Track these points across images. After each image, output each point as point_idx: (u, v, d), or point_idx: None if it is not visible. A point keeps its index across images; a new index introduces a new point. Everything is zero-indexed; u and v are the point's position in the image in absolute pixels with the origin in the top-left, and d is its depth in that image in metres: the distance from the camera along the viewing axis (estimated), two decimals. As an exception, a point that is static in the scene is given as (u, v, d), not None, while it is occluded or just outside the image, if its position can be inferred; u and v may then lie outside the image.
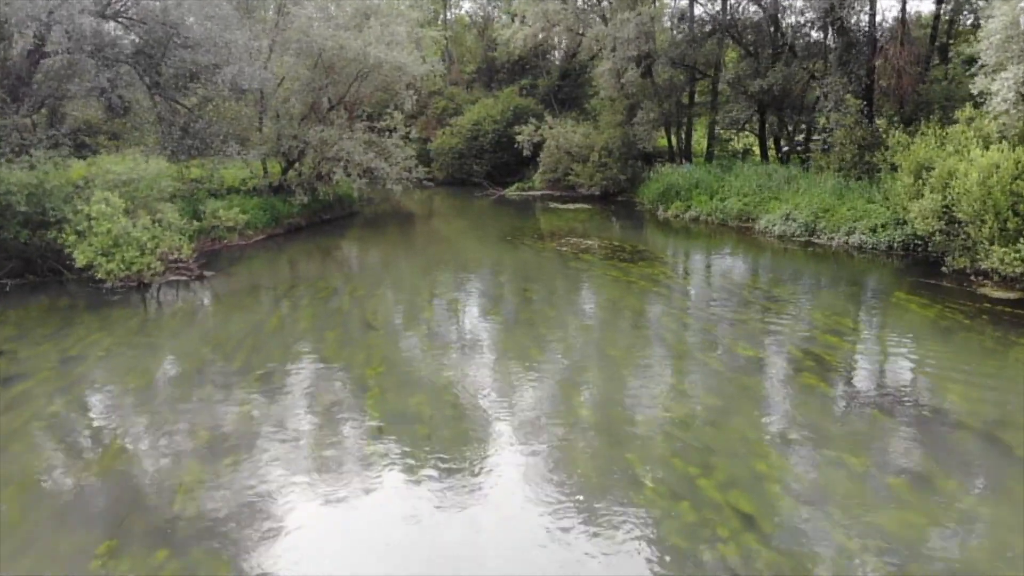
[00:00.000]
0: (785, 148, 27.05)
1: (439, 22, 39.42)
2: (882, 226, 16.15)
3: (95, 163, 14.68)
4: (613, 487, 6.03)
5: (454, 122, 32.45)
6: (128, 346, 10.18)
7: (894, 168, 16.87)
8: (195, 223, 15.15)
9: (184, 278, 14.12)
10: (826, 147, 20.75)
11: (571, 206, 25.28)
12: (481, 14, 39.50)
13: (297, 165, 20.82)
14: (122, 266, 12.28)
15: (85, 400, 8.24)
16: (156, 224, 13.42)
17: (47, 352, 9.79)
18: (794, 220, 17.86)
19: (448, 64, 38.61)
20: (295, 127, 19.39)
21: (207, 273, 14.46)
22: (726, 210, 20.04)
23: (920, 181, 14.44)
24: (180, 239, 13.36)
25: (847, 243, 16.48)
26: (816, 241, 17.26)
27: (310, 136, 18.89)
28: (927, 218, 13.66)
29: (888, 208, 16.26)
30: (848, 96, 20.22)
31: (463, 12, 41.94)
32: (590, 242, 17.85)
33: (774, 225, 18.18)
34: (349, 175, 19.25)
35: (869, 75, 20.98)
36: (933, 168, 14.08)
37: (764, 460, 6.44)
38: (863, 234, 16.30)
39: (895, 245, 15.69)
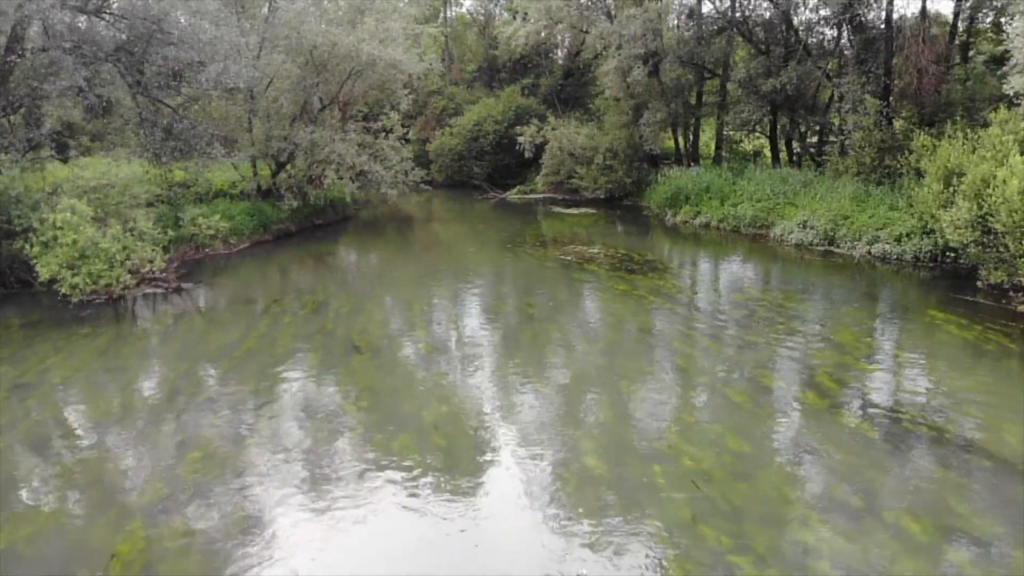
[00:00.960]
0: (797, 150, 26.07)
1: (440, 20, 38.50)
2: (907, 235, 15.16)
3: (76, 167, 13.80)
4: (629, 565, 5.05)
5: (454, 122, 31.48)
6: (89, 371, 9.24)
7: (918, 173, 15.91)
8: (170, 232, 14.12)
9: (161, 290, 13.20)
10: (843, 150, 19.75)
11: (574, 211, 24.30)
12: (482, 12, 38.50)
13: (289, 168, 19.87)
14: (88, 280, 11.32)
15: (30, 438, 7.28)
16: (128, 233, 12.46)
17: (0, 377, 8.87)
18: (812, 228, 16.86)
19: (448, 63, 37.67)
20: (285, 128, 18.41)
21: (185, 285, 13.53)
22: (739, 216, 19.05)
23: (951, 188, 13.47)
24: (153, 250, 12.39)
25: (869, 253, 15.48)
26: (836, 250, 16.26)
27: (299, 137, 17.89)
28: (960, 228, 12.64)
29: (913, 216, 15.27)
30: (867, 96, 19.22)
31: (464, 10, 40.96)
32: (595, 250, 16.87)
33: (790, 233, 17.18)
34: (341, 178, 18.24)
35: (887, 75, 19.99)
36: (964, 174, 13.11)
37: (807, 527, 5.46)
38: (887, 243, 15.31)
39: (922, 256, 14.70)
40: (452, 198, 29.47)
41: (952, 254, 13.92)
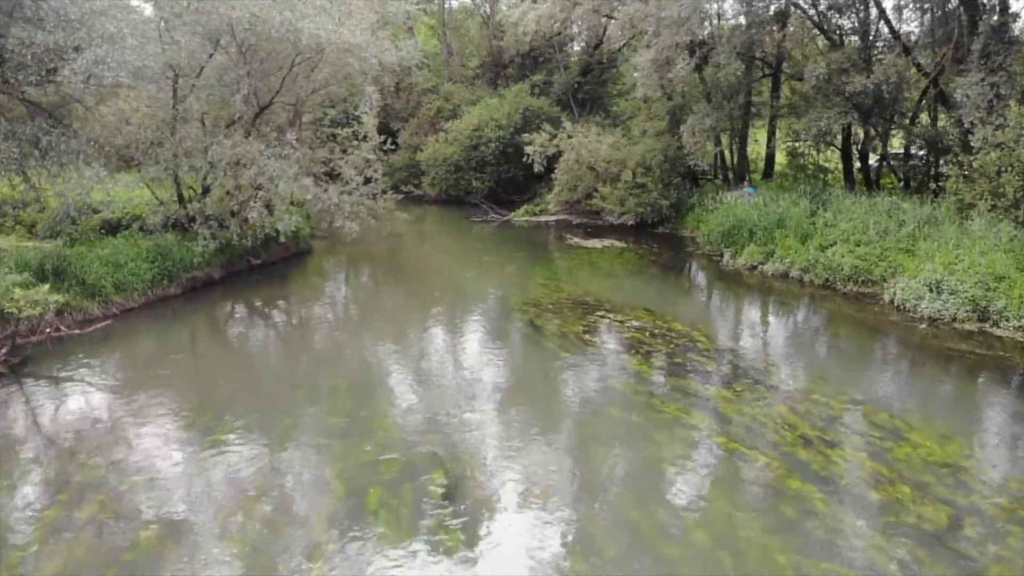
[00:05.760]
0: (875, 164, 20.76)
1: (439, 8, 33.33)
2: (1112, 314, 9.91)
3: None
4: None
5: (450, 126, 26.28)
6: None
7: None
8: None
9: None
10: (967, 174, 14.42)
11: (596, 243, 19.02)
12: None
13: (219, 190, 14.66)
14: None
15: None
16: None
17: None
18: (951, 293, 11.52)
19: (447, 56, 32.48)
20: (197, 138, 13.18)
21: (-14, 398, 8.43)
22: (831, 265, 13.65)
23: None
24: None
25: (1055, 340, 10.17)
26: (992, 331, 10.91)
27: (214, 153, 12.62)
28: None
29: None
30: (1012, 104, 13.90)
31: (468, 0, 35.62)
32: (634, 323, 11.61)
33: (919, 299, 11.81)
34: (271, 210, 12.93)
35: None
36: None
37: None
38: (1081, 326, 10.03)
39: None
40: (445, 219, 24.31)
41: None
